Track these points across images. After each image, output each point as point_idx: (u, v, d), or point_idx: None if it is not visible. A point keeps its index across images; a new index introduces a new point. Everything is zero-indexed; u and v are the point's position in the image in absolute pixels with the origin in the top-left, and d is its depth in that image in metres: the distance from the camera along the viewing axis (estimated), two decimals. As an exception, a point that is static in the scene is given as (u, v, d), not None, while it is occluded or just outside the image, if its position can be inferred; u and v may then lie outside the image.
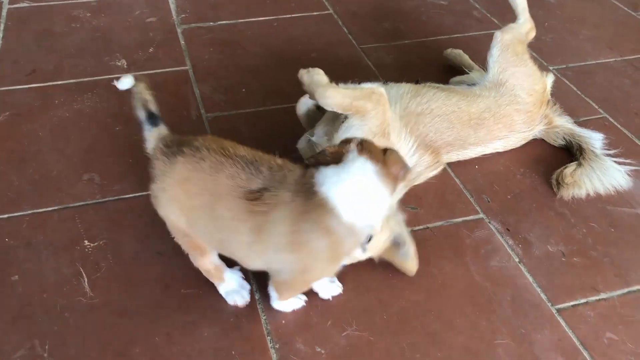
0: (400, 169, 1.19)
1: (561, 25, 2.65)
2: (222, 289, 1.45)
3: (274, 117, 2.04)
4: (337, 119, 1.68)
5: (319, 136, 1.72)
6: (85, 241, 1.57)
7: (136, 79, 1.39)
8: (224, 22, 2.57)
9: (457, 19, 2.65)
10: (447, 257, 1.57)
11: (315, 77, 1.66)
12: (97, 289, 1.46)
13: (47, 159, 1.82)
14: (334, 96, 1.58)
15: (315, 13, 2.66)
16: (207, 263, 1.41)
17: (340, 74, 2.25)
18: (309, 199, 1.15)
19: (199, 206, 1.25)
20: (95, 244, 1.57)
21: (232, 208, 1.20)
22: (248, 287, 1.46)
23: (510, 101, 1.83)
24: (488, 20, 2.65)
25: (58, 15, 2.53)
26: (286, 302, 1.41)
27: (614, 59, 2.43)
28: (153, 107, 1.37)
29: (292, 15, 2.63)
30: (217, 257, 1.42)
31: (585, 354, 1.37)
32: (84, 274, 1.49)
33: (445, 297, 1.48)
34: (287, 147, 1.89)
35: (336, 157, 1.18)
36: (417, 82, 1.91)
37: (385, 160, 1.18)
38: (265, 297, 1.44)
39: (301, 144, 1.82)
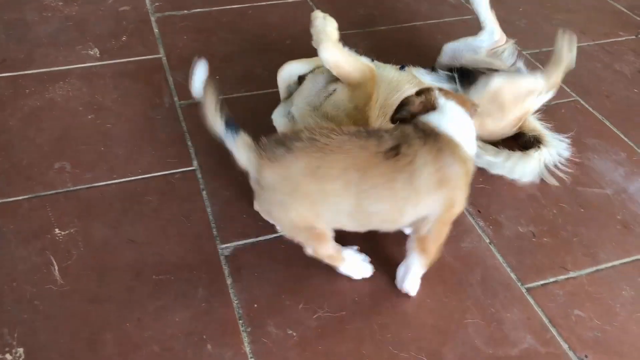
0: (473, 106, 1.40)
1: (535, 10, 2.66)
2: (345, 268, 1.45)
3: (248, 103, 2.03)
4: (321, 90, 1.66)
5: (299, 107, 1.69)
6: (56, 229, 1.56)
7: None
8: (199, 9, 2.55)
9: (432, 6, 2.65)
10: (419, 239, 1.58)
11: (328, 27, 1.63)
12: (68, 277, 1.45)
13: (18, 148, 1.81)
14: (335, 54, 1.59)
15: (290, 0, 2.65)
16: (330, 248, 1.40)
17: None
18: (437, 140, 1.29)
19: (339, 188, 1.26)
20: (66, 232, 1.56)
21: (382, 173, 1.26)
22: (367, 258, 1.48)
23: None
24: (463, 7, 2.66)
25: (29, 4, 2.50)
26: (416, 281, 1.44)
27: (586, 44, 2.45)
28: (226, 111, 1.29)
29: (268, 3, 2.62)
30: (334, 242, 1.40)
31: (554, 331, 1.39)
32: (54, 262, 1.48)
33: (431, 284, 1.49)
34: (262, 133, 1.89)
35: (427, 106, 1.36)
36: (402, 68, 1.90)
37: (463, 101, 1.38)
38: (238, 280, 1.45)
39: (277, 114, 1.79)
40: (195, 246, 1.54)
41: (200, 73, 1.32)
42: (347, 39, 2.37)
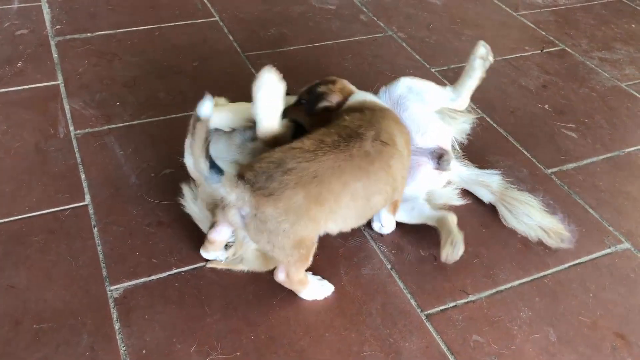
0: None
1: (445, 26, 2.69)
2: (309, 292, 1.46)
3: (148, 130, 1.96)
4: (241, 146, 1.54)
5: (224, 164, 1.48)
6: None
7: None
8: (103, 32, 2.45)
9: (344, 24, 2.64)
10: (321, 268, 1.54)
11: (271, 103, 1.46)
12: (-63, 332, 1.34)
13: None
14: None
15: (200, 20, 2.59)
16: (304, 273, 1.42)
17: (223, 83, 2.21)
18: (388, 113, 1.52)
19: (347, 202, 1.34)
20: (-61, 280, 1.44)
21: (380, 167, 1.38)
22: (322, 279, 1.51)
23: None
24: (374, 24, 2.66)
25: None
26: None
27: (494, 59, 2.48)
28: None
29: (176, 24, 2.55)
30: None
31: (452, 359, 1.37)
32: None
33: (315, 311, 1.45)
34: (160, 160, 1.83)
35: (344, 93, 1.58)
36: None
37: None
38: (127, 325, 1.37)
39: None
40: (83, 289, 1.45)
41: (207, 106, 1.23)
42: (257, 60, 2.36)
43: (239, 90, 2.15)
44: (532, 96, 2.29)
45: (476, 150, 1.96)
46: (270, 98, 1.41)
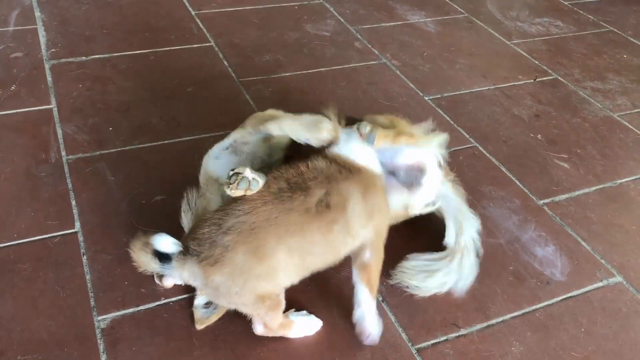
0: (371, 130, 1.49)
1: (439, 54, 2.71)
2: (297, 331, 1.43)
3: (141, 156, 1.95)
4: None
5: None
6: None
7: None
8: (98, 56, 2.46)
9: (338, 51, 2.66)
10: (311, 300, 1.53)
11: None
12: None
13: None
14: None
15: (195, 45, 2.60)
16: (280, 316, 1.38)
17: (217, 109, 2.21)
18: (359, 174, 1.38)
19: (282, 258, 1.28)
20: None
21: (317, 228, 1.30)
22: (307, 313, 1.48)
23: None
24: (369, 51, 2.68)
25: None
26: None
27: (487, 88, 2.50)
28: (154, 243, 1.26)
29: (171, 48, 2.56)
30: None
31: (442, 394, 1.36)
32: None
33: (305, 344, 1.43)
34: (151, 187, 1.82)
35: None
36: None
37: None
38: (113, 357, 1.35)
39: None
40: (69, 319, 1.43)
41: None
42: (251, 86, 2.36)
43: (233, 116, 2.16)
44: (524, 125, 2.30)
45: (468, 180, 1.96)
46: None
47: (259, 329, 1.40)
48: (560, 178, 2.04)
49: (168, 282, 1.51)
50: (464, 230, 1.64)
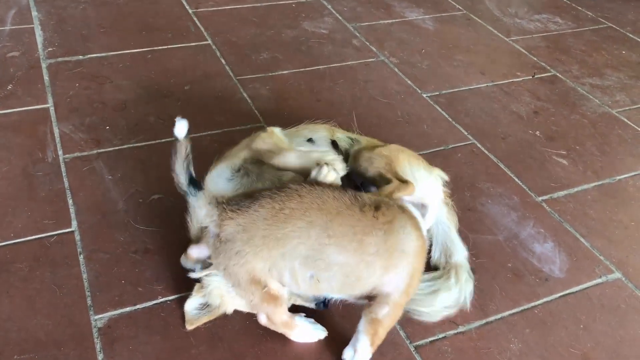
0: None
1: (437, 52, 2.70)
2: (298, 335, 1.41)
3: (138, 155, 1.94)
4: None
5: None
6: None
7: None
8: (95, 55, 2.45)
9: (336, 48, 2.65)
10: (308, 298, 1.52)
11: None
12: None
13: None
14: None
15: (193, 44, 2.59)
16: (284, 314, 1.36)
17: (214, 107, 2.21)
18: (410, 214, 1.35)
19: (301, 228, 1.25)
20: None
21: (354, 223, 1.26)
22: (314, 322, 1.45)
23: None
24: (367, 49, 2.67)
25: None
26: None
27: (485, 84, 2.50)
28: (192, 169, 1.33)
29: (168, 47, 2.55)
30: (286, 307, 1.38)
31: (441, 392, 1.35)
32: None
33: (303, 343, 1.42)
34: (149, 186, 1.81)
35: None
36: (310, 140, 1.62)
37: None
38: (110, 356, 1.35)
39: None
40: (66, 318, 1.43)
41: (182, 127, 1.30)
42: (248, 84, 2.36)
43: (230, 114, 2.16)
44: (523, 122, 2.29)
45: (467, 177, 1.96)
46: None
47: (262, 319, 1.38)
48: (558, 175, 2.03)
49: (192, 252, 1.45)
50: (452, 254, 1.62)
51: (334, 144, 1.60)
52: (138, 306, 1.47)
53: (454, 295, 1.54)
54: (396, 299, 1.31)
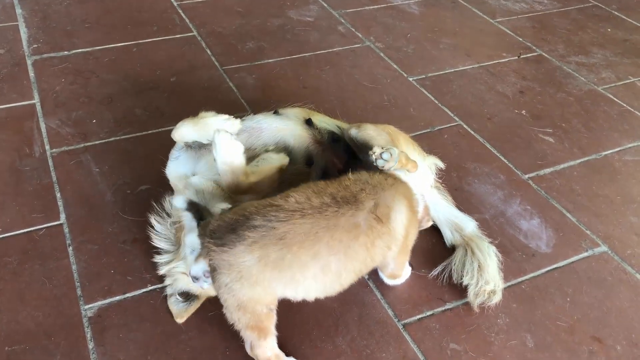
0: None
1: (423, 35, 2.71)
2: None
3: (125, 147, 1.95)
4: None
5: (203, 179, 1.50)
6: None
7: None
8: (80, 50, 2.45)
9: (322, 36, 2.65)
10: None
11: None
12: None
13: None
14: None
15: (178, 36, 2.59)
16: (269, 349, 1.30)
17: (200, 97, 2.21)
18: (400, 183, 1.38)
19: (316, 274, 1.23)
20: None
21: (364, 244, 1.26)
22: None
23: None
24: (352, 35, 2.67)
25: None
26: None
27: (471, 66, 2.50)
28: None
29: (154, 39, 2.55)
30: (276, 344, 1.32)
31: (429, 368, 1.37)
32: None
33: (292, 323, 1.44)
34: (136, 177, 1.82)
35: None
36: (275, 112, 1.68)
37: None
38: (101, 344, 1.36)
39: (175, 171, 1.60)
40: (56, 309, 1.44)
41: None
42: (234, 74, 2.36)
43: (217, 104, 2.16)
44: (509, 102, 2.30)
45: (454, 158, 1.97)
46: (229, 159, 1.38)
47: (247, 348, 1.32)
48: (545, 152, 2.04)
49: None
50: (462, 227, 1.64)
51: (309, 122, 1.60)
52: (127, 295, 1.48)
53: (493, 261, 1.55)
54: (399, 250, 1.39)
